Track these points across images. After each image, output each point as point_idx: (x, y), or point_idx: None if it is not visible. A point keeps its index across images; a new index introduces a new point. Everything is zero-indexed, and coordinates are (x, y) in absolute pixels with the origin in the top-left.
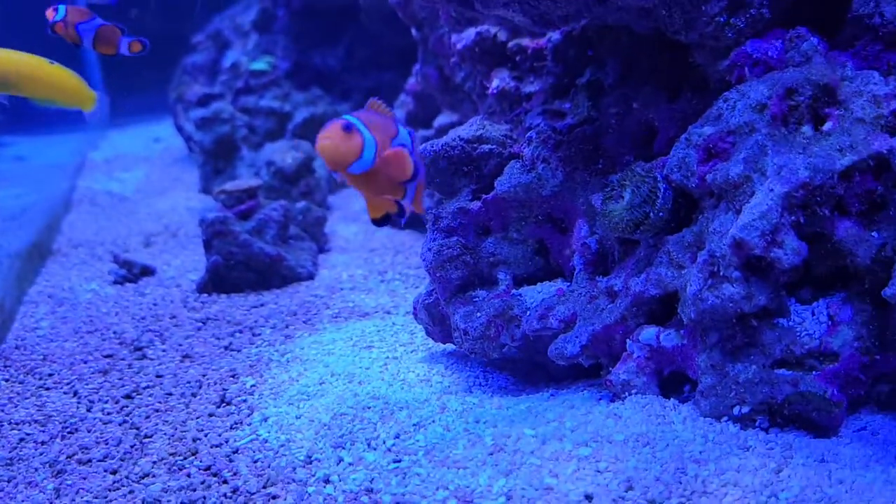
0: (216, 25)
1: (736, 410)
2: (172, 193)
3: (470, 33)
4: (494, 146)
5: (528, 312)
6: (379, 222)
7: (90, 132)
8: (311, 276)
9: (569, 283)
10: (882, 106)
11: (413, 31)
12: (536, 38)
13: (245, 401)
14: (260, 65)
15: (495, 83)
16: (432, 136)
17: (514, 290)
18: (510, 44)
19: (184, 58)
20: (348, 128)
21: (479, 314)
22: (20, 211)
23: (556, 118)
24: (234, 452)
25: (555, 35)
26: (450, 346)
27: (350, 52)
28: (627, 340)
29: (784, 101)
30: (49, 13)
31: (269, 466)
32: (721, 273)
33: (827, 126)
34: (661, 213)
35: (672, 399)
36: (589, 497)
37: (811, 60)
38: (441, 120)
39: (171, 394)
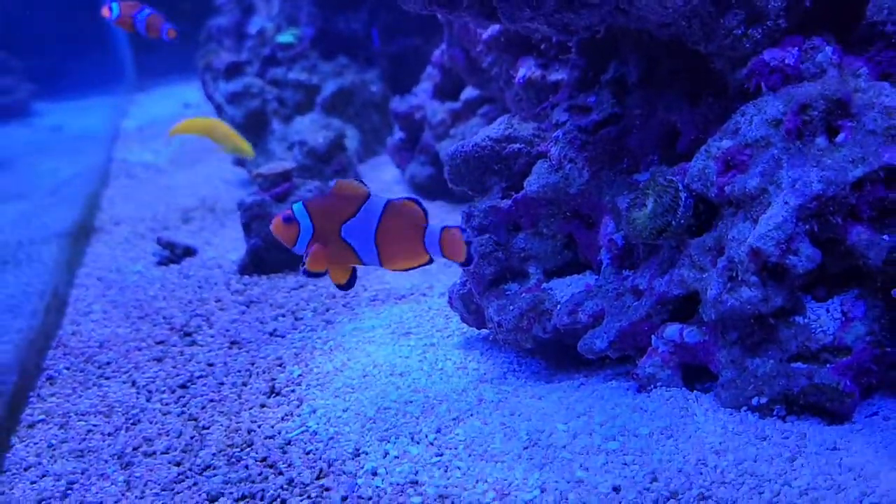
0: None
1: (754, 401)
2: (206, 165)
3: (494, 26)
4: (522, 145)
5: (559, 307)
6: (339, 287)
7: (119, 97)
8: None
9: (597, 277)
10: (893, 117)
11: (438, 15)
12: None
13: (293, 391)
14: (287, 37)
15: (521, 72)
16: (459, 109)
17: (544, 284)
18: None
19: (208, 20)
20: (288, 220)
21: (511, 307)
22: (59, 185)
23: (582, 114)
24: (286, 444)
25: None
26: (484, 331)
27: (373, 17)
28: (652, 336)
29: (798, 116)
30: (105, 12)
31: (320, 458)
32: (739, 278)
33: (840, 138)
34: (682, 221)
35: (694, 391)
36: (617, 489)
37: (825, 72)
38: (467, 94)
39: (223, 383)
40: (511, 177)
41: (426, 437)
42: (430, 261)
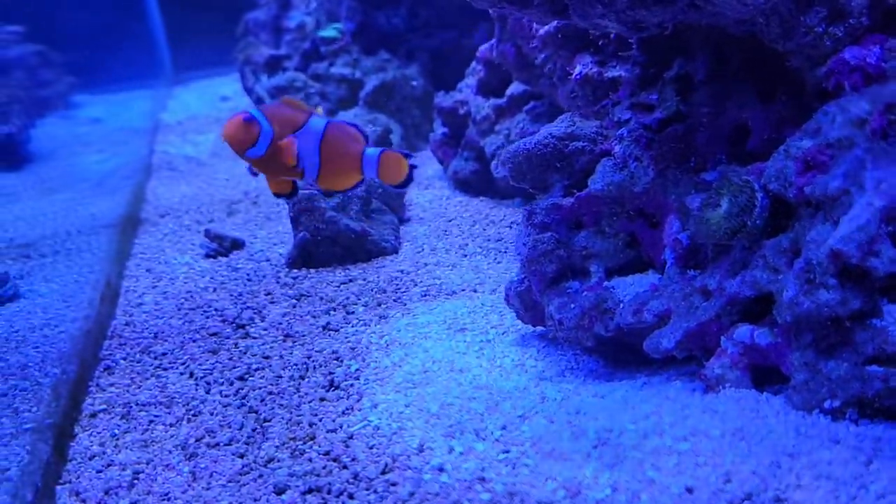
0: None
1: (827, 404)
2: None
3: (552, 22)
4: (586, 143)
5: (622, 306)
6: (278, 196)
7: (158, 90)
8: (395, 250)
9: (660, 276)
10: None
11: (490, 11)
12: None
13: (352, 385)
14: (330, 32)
15: (578, 69)
16: (504, 105)
17: (606, 282)
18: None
19: (246, 14)
20: (249, 120)
21: (573, 305)
22: (104, 177)
23: (645, 112)
24: (349, 438)
25: None
26: (539, 329)
27: (413, 12)
28: (721, 337)
29: (884, 116)
30: None
31: (384, 453)
32: (817, 280)
33: None
34: (758, 222)
35: (765, 393)
36: (690, 490)
37: None
38: (513, 89)
39: (280, 376)
40: (573, 174)
41: (492, 433)
42: (361, 182)
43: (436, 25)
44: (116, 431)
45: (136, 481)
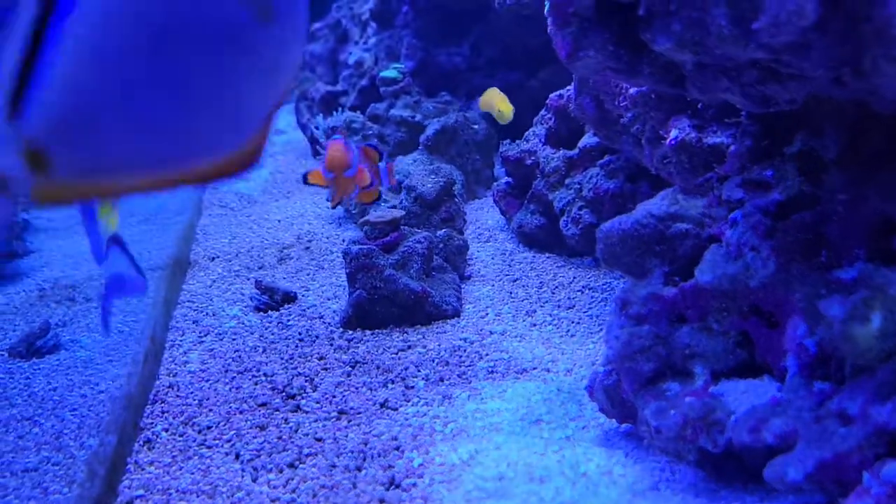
0: (334, 15)
1: None
2: (299, 197)
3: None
4: (691, 225)
5: (733, 419)
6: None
7: None
8: (456, 313)
9: (780, 386)
10: None
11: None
12: None
13: (415, 485)
14: (391, 73)
15: (673, 133)
16: (576, 157)
17: (712, 388)
18: None
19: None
20: (348, 146)
21: (672, 412)
22: (152, 212)
23: (759, 190)
24: None
25: None
26: (625, 426)
27: (476, 51)
28: (864, 472)
29: None
30: None
31: None
32: None
33: None
34: None
35: None
36: None
37: None
38: (586, 140)
39: (334, 465)
40: (675, 260)
41: None
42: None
43: (500, 64)
44: None
45: None
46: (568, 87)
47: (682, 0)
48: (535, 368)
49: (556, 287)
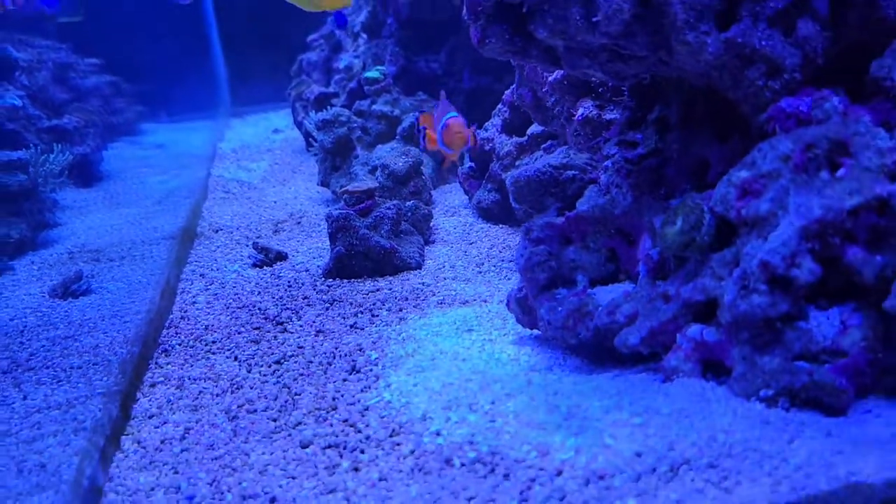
0: (329, 27)
1: (762, 393)
2: (293, 183)
3: (559, 70)
4: (577, 172)
5: (600, 309)
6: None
7: (217, 121)
8: (418, 266)
9: (634, 286)
10: (885, 157)
11: (511, 60)
12: None
13: (371, 370)
14: (373, 73)
15: (580, 111)
16: (525, 143)
17: (589, 290)
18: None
19: (300, 55)
20: (466, 123)
21: (560, 308)
22: (165, 195)
23: (630, 148)
24: (365, 409)
25: None
26: (535, 332)
27: (451, 59)
28: (677, 334)
29: (804, 153)
30: None
31: (392, 421)
32: (751, 286)
33: (840, 173)
34: (705, 238)
35: (711, 382)
36: (638, 454)
37: (831, 118)
38: (533, 129)
39: (311, 362)
40: (566, 198)
41: (482, 407)
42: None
43: (471, 71)
44: (171, 398)
45: (186, 435)
46: None
47: (552, 0)
48: (475, 300)
49: (504, 248)
